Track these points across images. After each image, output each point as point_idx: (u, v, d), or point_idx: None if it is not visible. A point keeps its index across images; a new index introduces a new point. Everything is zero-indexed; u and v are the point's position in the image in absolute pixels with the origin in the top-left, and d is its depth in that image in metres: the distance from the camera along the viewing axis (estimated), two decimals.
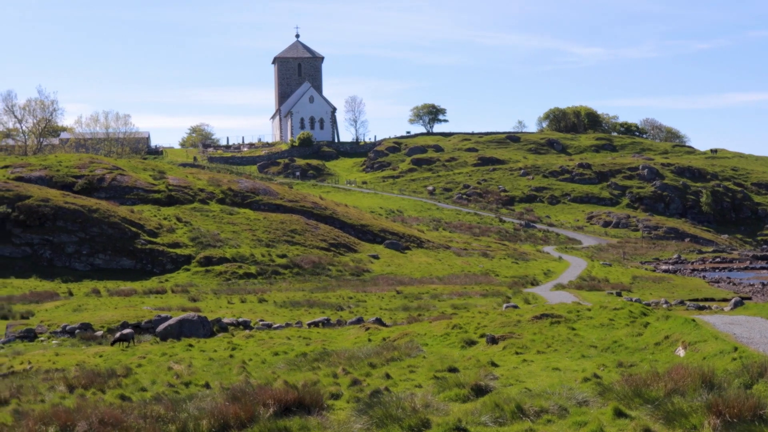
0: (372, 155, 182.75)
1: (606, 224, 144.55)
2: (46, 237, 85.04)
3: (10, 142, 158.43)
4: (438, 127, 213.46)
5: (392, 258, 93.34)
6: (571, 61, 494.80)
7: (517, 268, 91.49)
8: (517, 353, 24.89)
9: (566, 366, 22.08)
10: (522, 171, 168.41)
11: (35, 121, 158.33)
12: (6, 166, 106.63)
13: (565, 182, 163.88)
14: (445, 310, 50.77)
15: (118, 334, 38.94)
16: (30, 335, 45.65)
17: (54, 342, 43.37)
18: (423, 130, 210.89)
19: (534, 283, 76.56)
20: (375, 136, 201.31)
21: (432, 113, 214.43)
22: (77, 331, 45.53)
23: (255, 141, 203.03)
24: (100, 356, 34.55)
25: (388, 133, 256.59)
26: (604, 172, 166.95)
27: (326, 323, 45.12)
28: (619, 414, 15.30)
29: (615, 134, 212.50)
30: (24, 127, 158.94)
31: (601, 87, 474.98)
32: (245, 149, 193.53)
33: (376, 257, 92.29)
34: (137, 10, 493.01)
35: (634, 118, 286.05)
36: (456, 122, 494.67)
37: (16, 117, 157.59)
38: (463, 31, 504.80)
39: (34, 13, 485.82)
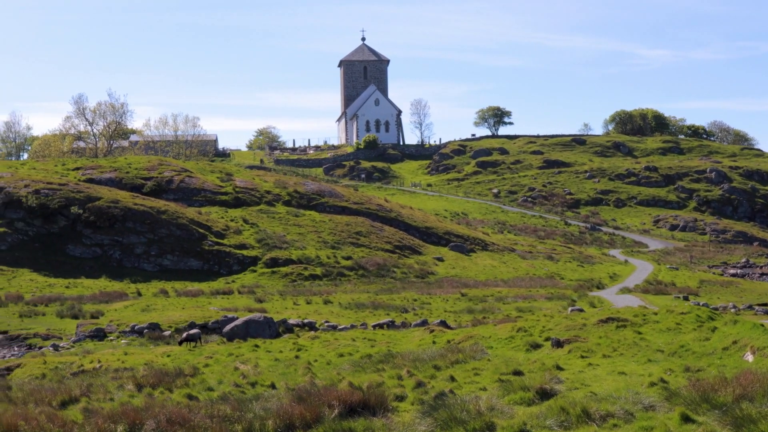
0: (437, 158, 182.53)
1: (673, 228, 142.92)
2: (116, 238, 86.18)
3: (81, 144, 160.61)
4: (503, 130, 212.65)
5: (457, 260, 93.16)
6: (638, 63, 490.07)
7: (582, 271, 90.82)
8: (582, 357, 24.73)
9: (632, 370, 21.91)
10: (588, 174, 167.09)
11: (106, 123, 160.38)
12: (77, 168, 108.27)
13: (632, 185, 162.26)
14: (510, 313, 50.61)
15: (185, 334, 39.34)
16: (100, 334, 46.33)
17: (123, 341, 43.96)
18: (488, 132, 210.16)
19: (599, 286, 75.98)
20: (440, 139, 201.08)
21: (497, 116, 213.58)
22: (146, 330, 46.10)
23: (321, 143, 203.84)
24: (168, 356, 34.94)
25: (453, 135, 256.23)
26: (671, 175, 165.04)
27: (391, 325, 45.18)
28: (686, 419, 15.17)
29: (682, 137, 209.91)
30: (95, 130, 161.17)
31: (668, 89, 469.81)
32: (311, 152, 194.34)
33: (440, 259, 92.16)
34: (206, 15, 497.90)
35: (701, 121, 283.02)
36: (521, 125, 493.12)
37: (87, 120, 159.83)
38: (529, 34, 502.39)
39: (105, 17, 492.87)
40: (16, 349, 45.94)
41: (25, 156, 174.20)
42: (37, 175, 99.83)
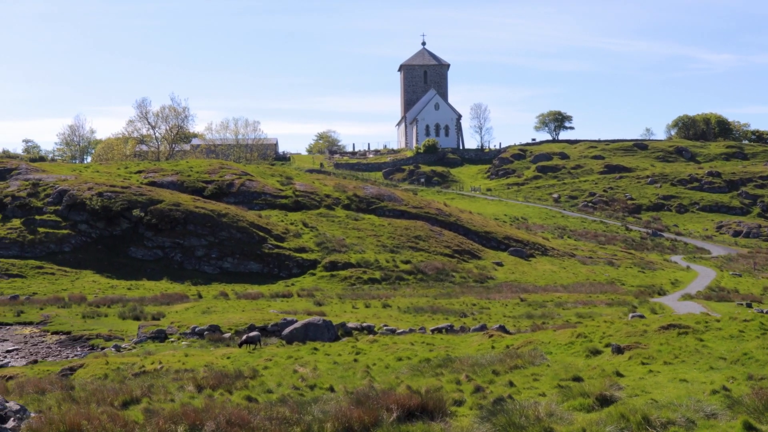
0: (497, 162, 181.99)
1: (736, 234, 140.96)
2: (177, 240, 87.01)
3: (144, 147, 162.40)
4: (564, 135, 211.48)
5: (516, 265, 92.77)
6: (701, 67, 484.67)
7: (643, 277, 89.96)
8: (643, 363, 24.50)
9: (694, 378, 21.66)
10: (649, 179, 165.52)
11: (168, 127, 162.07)
12: (140, 171, 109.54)
13: (694, 191, 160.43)
14: (570, 319, 50.27)
15: (245, 337, 39.59)
16: (161, 336, 46.79)
17: (184, 343, 44.35)
18: (548, 137, 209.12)
19: (661, 292, 75.18)
20: (500, 143, 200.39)
21: (558, 120, 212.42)
22: (206, 332, 46.47)
23: (380, 147, 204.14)
24: (228, 358, 35.18)
25: (513, 140, 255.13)
26: (735, 181, 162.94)
27: (449, 329, 45.10)
28: (748, 428, 14.98)
29: (746, 142, 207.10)
30: (157, 134, 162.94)
31: (732, 94, 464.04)
32: (371, 156, 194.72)
33: (500, 264, 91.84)
34: (268, 20, 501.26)
35: (766, 126, 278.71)
36: (582, 129, 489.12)
37: (149, 123, 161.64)
38: (591, 38, 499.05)
39: (167, 22, 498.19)
40: (79, 349, 46.55)
41: (89, 159, 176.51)
42: (100, 178, 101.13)
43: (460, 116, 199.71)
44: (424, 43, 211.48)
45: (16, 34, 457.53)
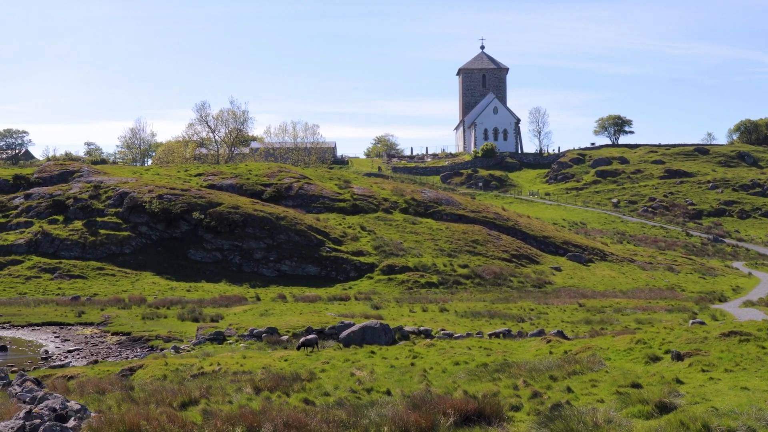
0: (555, 166, 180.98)
1: None
2: (236, 243, 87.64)
3: (204, 151, 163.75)
4: (623, 139, 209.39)
5: (575, 270, 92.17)
6: (763, 71, 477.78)
7: (704, 283, 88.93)
8: (703, 371, 24.20)
9: (756, 386, 21.34)
10: (710, 184, 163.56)
11: (227, 130, 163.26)
12: (199, 174, 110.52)
13: (756, 196, 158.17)
14: (629, 325, 49.80)
15: (302, 339, 39.72)
16: (219, 338, 47.13)
17: (242, 345, 44.61)
18: (608, 141, 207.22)
19: (722, 299, 74.25)
20: (559, 148, 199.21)
21: (617, 125, 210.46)
22: (264, 335, 46.71)
23: (438, 151, 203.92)
24: (286, 360, 35.30)
25: (572, 144, 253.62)
26: None
27: (507, 334, 44.92)
28: None
29: None
30: (216, 137, 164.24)
31: None
32: (429, 159, 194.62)
33: (558, 269, 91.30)
34: (327, 24, 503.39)
35: None
36: (642, 134, 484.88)
37: (209, 127, 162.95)
38: (651, 41, 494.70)
39: (227, 26, 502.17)
40: (138, 350, 47.03)
41: (150, 162, 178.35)
42: (160, 181, 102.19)
43: (518, 120, 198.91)
44: (483, 47, 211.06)
45: (79, 38, 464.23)
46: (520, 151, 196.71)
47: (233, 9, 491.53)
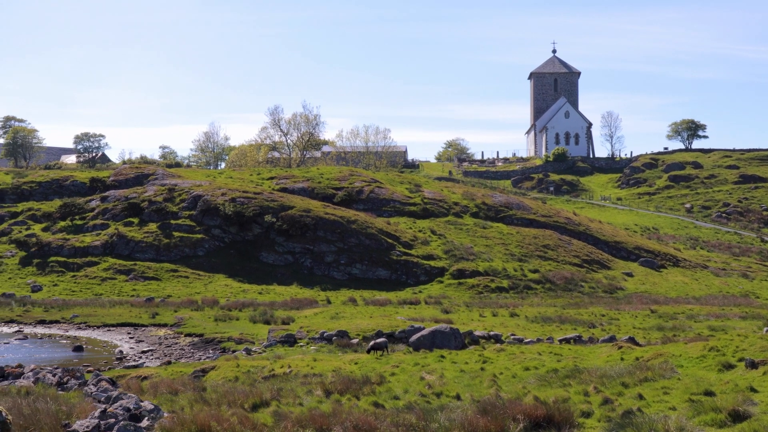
0: (627, 171, 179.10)
1: None
2: (307, 246, 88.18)
3: (276, 154, 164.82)
4: (697, 143, 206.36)
5: (647, 276, 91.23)
6: None
7: None
8: None
9: None
10: None
11: (299, 134, 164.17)
12: (271, 178, 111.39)
13: None
14: (702, 332, 49.20)
15: (372, 343, 39.82)
16: (290, 340, 47.46)
17: (312, 348, 44.88)
18: (681, 146, 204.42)
19: None
20: (631, 152, 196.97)
21: (691, 129, 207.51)
22: (334, 337, 46.92)
23: (509, 155, 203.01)
24: (356, 363, 35.44)
25: (645, 149, 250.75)
26: None
27: (578, 340, 44.65)
28: None
29: None
30: (289, 141, 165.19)
31: None
32: (499, 164, 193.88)
33: (629, 275, 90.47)
34: (398, 28, 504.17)
35: None
36: (716, 138, 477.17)
37: (281, 131, 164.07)
38: (725, 45, 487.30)
39: (299, 31, 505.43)
40: (210, 351, 47.56)
41: (223, 165, 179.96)
42: (233, 184, 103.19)
43: (590, 124, 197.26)
44: (554, 51, 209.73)
45: (155, 44, 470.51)
46: (591, 156, 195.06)
47: (306, 14, 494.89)
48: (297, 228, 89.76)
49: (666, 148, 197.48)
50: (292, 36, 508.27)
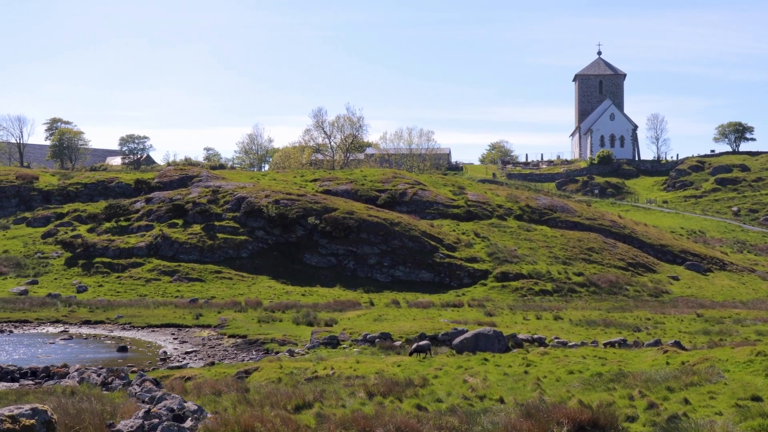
0: (673, 174, 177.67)
1: None
2: (350, 248, 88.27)
3: (319, 156, 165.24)
4: (744, 146, 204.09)
5: (693, 280, 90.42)
6: None
7: None
8: None
9: None
10: None
11: (343, 136, 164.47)
12: (315, 180, 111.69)
13: None
14: (749, 336, 48.66)
15: (415, 345, 39.72)
16: (333, 342, 47.46)
17: (355, 349, 44.84)
18: (728, 148, 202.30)
19: None
20: (677, 155, 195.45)
21: (738, 131, 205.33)
22: (377, 340, 46.87)
23: (554, 158, 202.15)
24: (398, 366, 35.37)
25: (691, 151, 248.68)
26: None
27: (622, 344, 44.29)
28: None
29: None
30: (332, 143, 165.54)
31: None
32: (544, 166, 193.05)
33: (675, 278, 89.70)
34: (441, 29, 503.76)
35: None
36: (764, 141, 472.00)
37: (325, 133, 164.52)
38: None
39: (342, 33, 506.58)
40: (254, 352, 47.67)
41: (266, 167, 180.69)
42: (277, 186, 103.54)
43: (636, 127, 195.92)
44: (599, 53, 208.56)
45: (198, 46, 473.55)
46: (637, 158, 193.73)
47: (350, 16, 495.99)
48: (340, 230, 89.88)
49: (713, 151, 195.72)
50: (335, 38, 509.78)
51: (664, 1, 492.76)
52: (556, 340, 46.52)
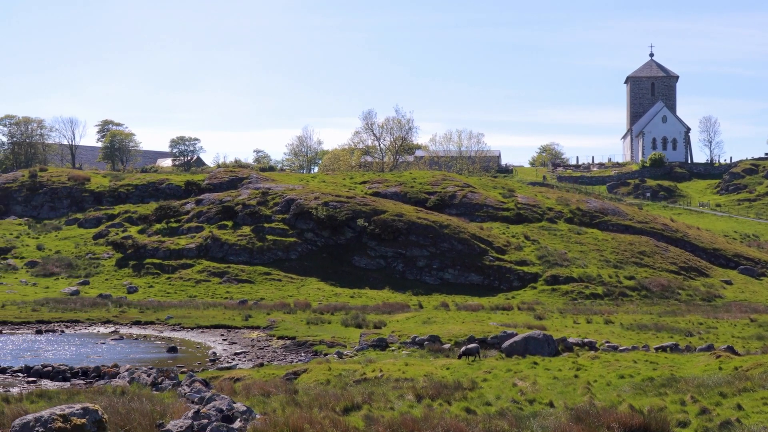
0: (727, 177, 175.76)
1: None
2: (399, 250, 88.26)
3: (369, 158, 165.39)
4: None
5: (746, 284, 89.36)
6: None
7: None
8: None
9: None
10: None
11: (392, 139, 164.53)
12: (364, 182, 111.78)
13: None
14: None
15: (464, 348, 39.62)
16: (382, 344, 47.43)
17: (404, 352, 44.76)
18: None
19: None
20: (730, 158, 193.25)
21: None
22: (426, 342, 46.76)
23: (605, 161, 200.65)
24: (447, 368, 35.27)
25: (745, 154, 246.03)
26: None
27: (674, 348, 43.85)
28: None
29: None
30: (382, 145, 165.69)
31: None
32: (594, 169, 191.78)
33: (728, 282, 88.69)
34: (490, 31, 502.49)
35: None
36: None
37: (374, 135, 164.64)
38: None
39: (392, 35, 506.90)
40: (302, 354, 47.76)
41: (316, 169, 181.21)
42: (326, 188, 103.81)
43: (688, 129, 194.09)
44: (652, 55, 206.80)
45: (248, 48, 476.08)
46: (689, 161, 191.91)
47: (400, 18, 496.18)
48: (389, 232, 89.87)
49: (767, 154, 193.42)
50: (384, 40, 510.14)
51: (716, 3, 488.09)
52: (607, 344, 46.15)
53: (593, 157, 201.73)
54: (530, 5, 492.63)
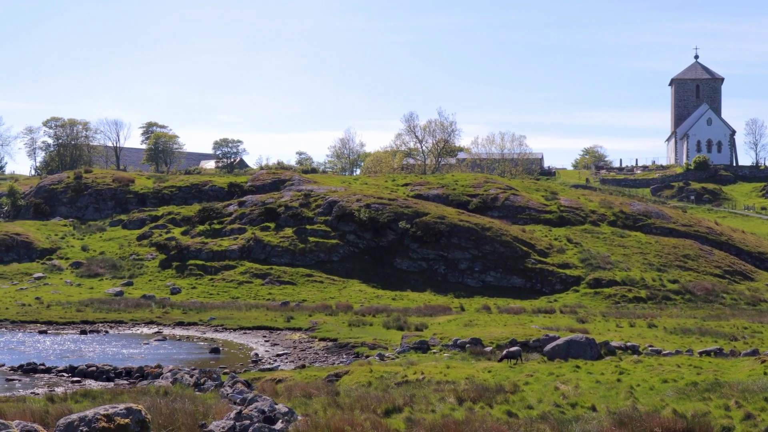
0: None
1: None
2: (441, 253, 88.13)
3: (411, 161, 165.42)
4: None
5: None
6: None
7: None
8: None
9: None
10: None
11: (434, 141, 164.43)
12: (406, 184, 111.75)
13: None
14: None
15: (506, 351, 39.48)
16: (423, 347, 47.41)
17: (445, 355, 44.71)
18: None
19: None
20: None
21: None
22: (467, 345, 46.68)
23: (648, 163, 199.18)
24: (489, 371, 35.17)
25: None
26: None
27: (718, 353, 43.44)
28: None
29: None
30: (424, 147, 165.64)
31: None
32: (638, 172, 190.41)
33: None
34: (534, 33, 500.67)
35: None
36: None
37: (417, 137, 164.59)
38: None
39: (434, 37, 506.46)
40: (344, 356, 47.85)
41: (358, 171, 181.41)
42: (368, 190, 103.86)
43: (733, 132, 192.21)
44: (696, 57, 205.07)
45: (291, 51, 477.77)
46: (734, 164, 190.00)
47: (442, 20, 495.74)
48: (431, 234, 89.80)
49: None
50: (426, 43, 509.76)
51: (762, 4, 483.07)
52: (650, 348, 45.84)
53: (637, 160, 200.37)
54: (573, 7, 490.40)
